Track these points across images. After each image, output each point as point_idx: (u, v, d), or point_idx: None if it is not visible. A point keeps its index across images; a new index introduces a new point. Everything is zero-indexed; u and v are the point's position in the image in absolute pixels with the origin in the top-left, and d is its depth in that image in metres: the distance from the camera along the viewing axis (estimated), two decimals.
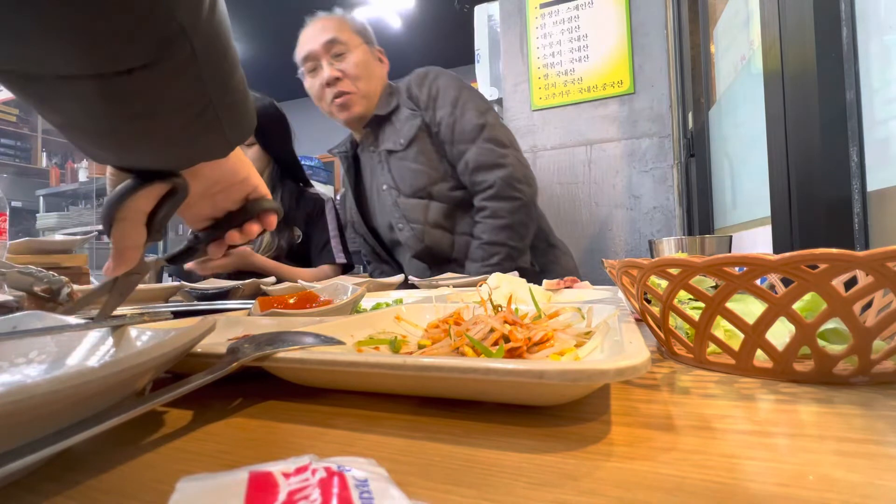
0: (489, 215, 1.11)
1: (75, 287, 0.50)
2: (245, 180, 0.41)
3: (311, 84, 1.23)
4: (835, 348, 0.27)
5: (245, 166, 0.41)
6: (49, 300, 0.47)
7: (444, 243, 1.18)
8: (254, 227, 0.42)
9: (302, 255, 1.37)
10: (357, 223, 1.33)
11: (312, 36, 1.20)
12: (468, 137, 1.13)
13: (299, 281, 0.83)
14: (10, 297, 0.44)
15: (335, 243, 1.39)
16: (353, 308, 0.51)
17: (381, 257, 1.34)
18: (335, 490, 0.12)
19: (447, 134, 1.15)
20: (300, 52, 1.22)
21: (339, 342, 0.29)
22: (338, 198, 1.49)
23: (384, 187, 1.22)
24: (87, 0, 0.20)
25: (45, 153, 3.92)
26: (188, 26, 0.23)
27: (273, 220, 0.43)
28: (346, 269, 1.41)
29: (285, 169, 1.38)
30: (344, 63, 1.19)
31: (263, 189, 0.44)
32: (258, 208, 0.42)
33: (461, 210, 1.18)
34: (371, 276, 1.39)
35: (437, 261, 1.19)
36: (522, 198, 1.10)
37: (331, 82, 1.18)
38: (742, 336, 0.28)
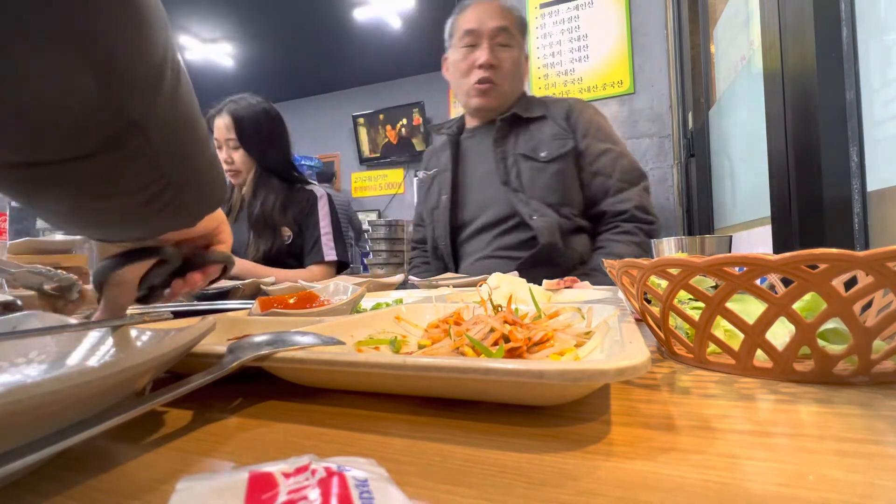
0: (626, 231, 1.12)
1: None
2: (216, 230, 0.41)
3: (461, 57, 1.21)
4: (835, 348, 0.27)
5: (214, 218, 0.41)
6: (59, 298, 0.46)
7: (559, 248, 1.14)
8: (196, 278, 0.42)
9: (297, 253, 1.36)
10: (441, 208, 1.27)
11: (485, 14, 1.19)
12: (631, 178, 1.15)
13: (300, 281, 0.83)
14: (11, 297, 0.44)
15: (326, 240, 1.36)
16: (353, 308, 0.51)
17: (439, 252, 1.30)
18: (335, 490, 0.12)
19: (607, 168, 1.15)
20: (464, 23, 1.20)
21: (339, 342, 0.29)
22: (417, 185, 1.44)
23: (505, 186, 1.18)
24: (32, 97, 0.19)
25: None
26: (141, 119, 0.23)
27: (212, 271, 0.43)
28: (340, 267, 1.39)
29: (272, 171, 1.35)
30: (504, 54, 1.19)
31: (224, 236, 0.43)
32: (204, 261, 0.41)
33: (575, 234, 1.17)
34: (410, 273, 1.37)
35: (550, 270, 1.11)
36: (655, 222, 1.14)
37: (485, 66, 1.18)
38: (742, 336, 0.28)
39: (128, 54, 0.21)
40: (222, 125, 1.30)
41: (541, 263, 1.11)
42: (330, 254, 1.35)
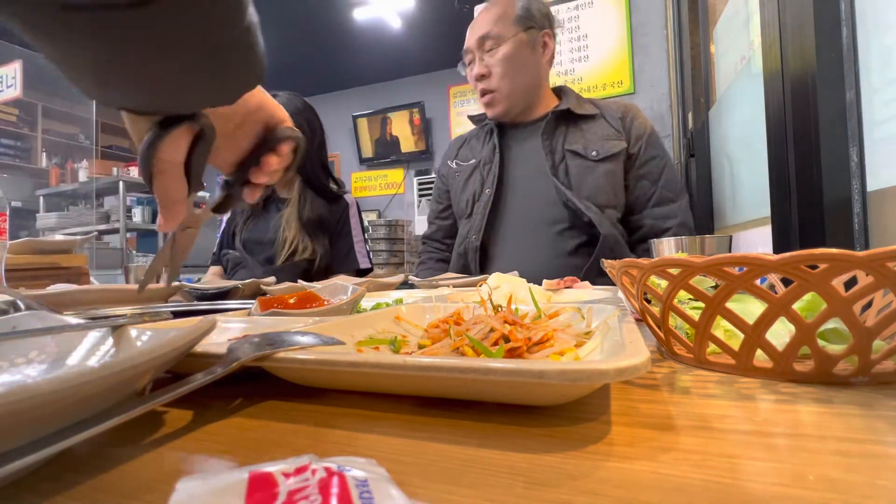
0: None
1: (79, 286, 0.49)
2: (259, 109, 0.39)
3: (468, 76, 1.23)
4: (835, 348, 0.26)
5: (255, 94, 0.39)
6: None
7: (621, 242, 1.11)
8: (271, 160, 0.40)
9: (321, 266, 1.34)
10: (482, 201, 1.21)
11: (472, 28, 1.20)
12: (676, 189, 1.13)
13: (299, 281, 0.83)
14: (11, 297, 0.44)
15: (359, 248, 1.36)
16: (353, 308, 0.51)
17: (464, 248, 1.23)
18: (335, 490, 0.12)
19: (653, 173, 1.13)
20: (465, 45, 1.22)
21: (339, 342, 0.29)
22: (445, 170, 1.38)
23: (547, 174, 1.14)
24: None
25: (44, 153, 3.92)
26: None
27: (286, 150, 0.41)
28: (362, 272, 1.37)
29: (311, 175, 1.33)
30: (492, 59, 1.17)
31: (281, 114, 0.42)
32: (273, 139, 0.40)
33: (589, 247, 1.13)
34: (419, 270, 1.34)
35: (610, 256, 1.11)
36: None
37: (478, 78, 1.18)
38: (742, 336, 0.28)
39: None
40: None
41: (605, 255, 1.06)
42: (364, 261, 1.35)
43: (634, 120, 1.17)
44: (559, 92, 1.26)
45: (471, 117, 1.36)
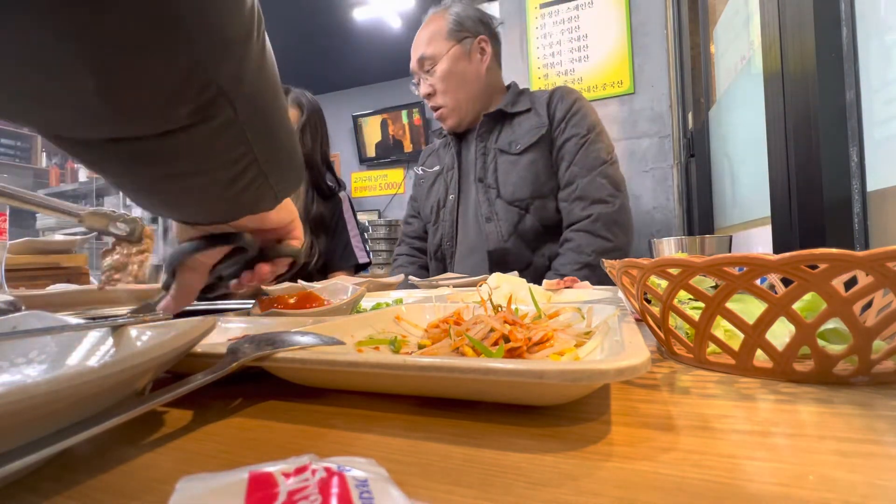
0: (574, 248, 1.07)
1: (77, 286, 0.49)
2: (279, 224, 0.41)
3: (420, 94, 1.29)
4: (835, 348, 0.26)
5: (290, 211, 0.41)
6: (126, 239, 0.46)
7: (523, 257, 1.14)
8: (265, 270, 0.41)
9: (318, 265, 1.34)
10: (449, 207, 1.27)
11: (413, 50, 1.25)
12: (588, 165, 1.10)
13: (299, 281, 0.83)
14: (11, 297, 0.44)
15: (356, 242, 1.37)
16: (353, 308, 0.51)
17: (441, 252, 1.28)
18: (335, 490, 0.11)
19: (569, 153, 1.12)
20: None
21: (339, 342, 0.29)
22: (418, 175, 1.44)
23: (479, 181, 1.19)
24: (125, 66, 0.19)
25: (45, 153, 3.92)
26: (230, 90, 0.23)
27: (283, 264, 0.43)
28: (360, 267, 1.38)
29: (314, 170, 1.34)
30: (433, 78, 1.22)
31: (298, 233, 0.43)
32: (275, 253, 0.41)
33: (550, 235, 1.15)
34: (393, 272, 1.36)
35: (504, 270, 1.13)
36: (614, 241, 1.06)
37: (425, 96, 1.24)
38: (742, 336, 0.28)
39: (204, 10, 0.20)
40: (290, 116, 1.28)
41: (496, 266, 1.10)
42: (362, 255, 1.36)
43: (560, 102, 1.17)
44: (510, 89, 1.27)
45: (433, 132, 1.41)
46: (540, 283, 0.67)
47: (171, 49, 0.20)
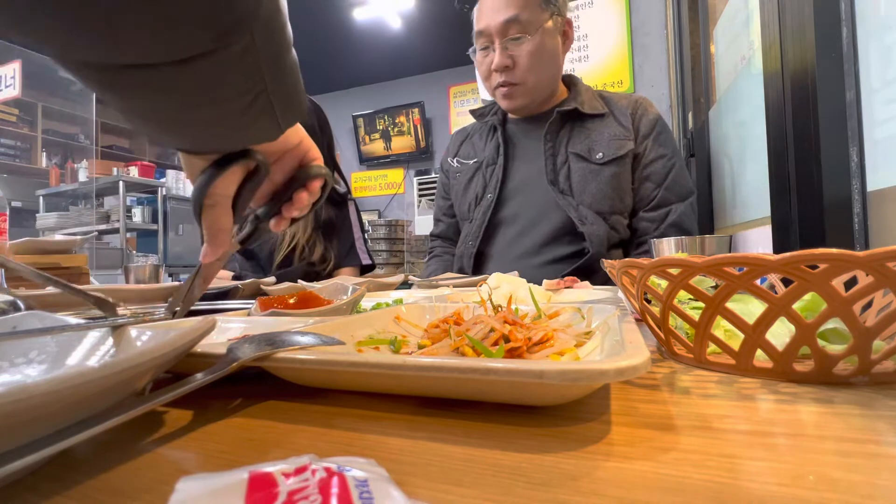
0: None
1: (78, 286, 0.49)
2: (298, 145, 0.41)
3: (479, 60, 1.10)
4: (835, 348, 0.26)
5: (297, 131, 0.41)
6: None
7: (602, 271, 1.04)
8: (303, 196, 0.42)
9: (331, 270, 1.34)
10: (483, 206, 1.13)
11: (492, 8, 1.04)
12: (681, 192, 1.04)
13: (299, 281, 0.83)
14: (11, 297, 0.44)
15: (360, 244, 1.36)
16: (353, 308, 0.51)
17: (462, 250, 1.16)
18: (335, 490, 0.12)
19: (657, 174, 1.05)
20: (476, 23, 1.07)
21: (339, 342, 0.29)
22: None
23: (552, 186, 1.06)
24: None
25: (45, 153, 3.92)
26: (249, 15, 0.23)
27: (317, 186, 0.43)
28: (366, 269, 1.38)
29: None
30: (518, 49, 1.04)
31: (315, 153, 0.43)
32: (305, 176, 0.41)
33: (610, 253, 1.06)
34: (428, 265, 1.31)
35: (592, 272, 1.01)
36: None
37: (500, 69, 1.05)
38: (742, 336, 0.28)
39: None
40: None
41: (587, 275, 1.00)
42: (364, 258, 1.36)
43: (644, 116, 1.08)
44: (569, 82, 1.16)
45: (473, 112, 1.26)
46: None
47: None
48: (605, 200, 1.04)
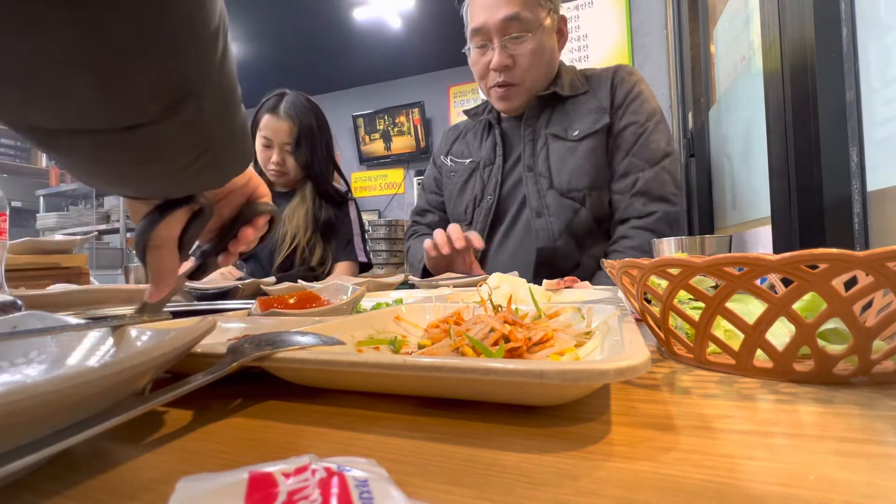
0: (634, 246, 0.95)
1: (77, 286, 0.49)
2: (246, 184, 0.41)
3: (475, 59, 1.07)
4: (835, 348, 0.26)
5: (244, 174, 0.41)
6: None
7: (572, 257, 1.02)
8: (248, 233, 0.42)
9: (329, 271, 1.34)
10: (483, 208, 1.10)
11: (490, 4, 1.00)
12: (649, 157, 0.98)
13: (299, 281, 0.83)
14: (11, 297, 0.44)
15: (357, 241, 1.37)
16: (353, 308, 0.51)
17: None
18: (335, 490, 0.11)
19: (626, 142, 1.00)
20: (472, 20, 1.03)
21: (339, 342, 0.29)
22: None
23: (529, 171, 1.04)
24: (109, 68, 0.20)
25: (45, 154, 3.92)
26: (198, 88, 0.23)
27: (262, 223, 0.43)
28: (363, 268, 1.38)
29: (316, 177, 1.32)
30: (519, 48, 1.00)
31: (263, 189, 0.43)
32: (251, 213, 0.42)
33: (601, 232, 1.03)
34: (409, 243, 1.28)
35: (550, 272, 1.01)
36: None
37: (499, 69, 1.02)
38: (742, 336, 0.28)
39: (191, 15, 0.21)
40: (282, 129, 1.28)
41: (541, 268, 1.01)
42: (361, 255, 1.36)
43: (620, 85, 1.04)
44: (559, 71, 1.13)
45: (467, 112, 1.23)
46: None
47: (161, 48, 0.20)
48: (584, 177, 1.00)
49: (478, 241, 0.98)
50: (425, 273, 1.12)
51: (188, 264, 0.41)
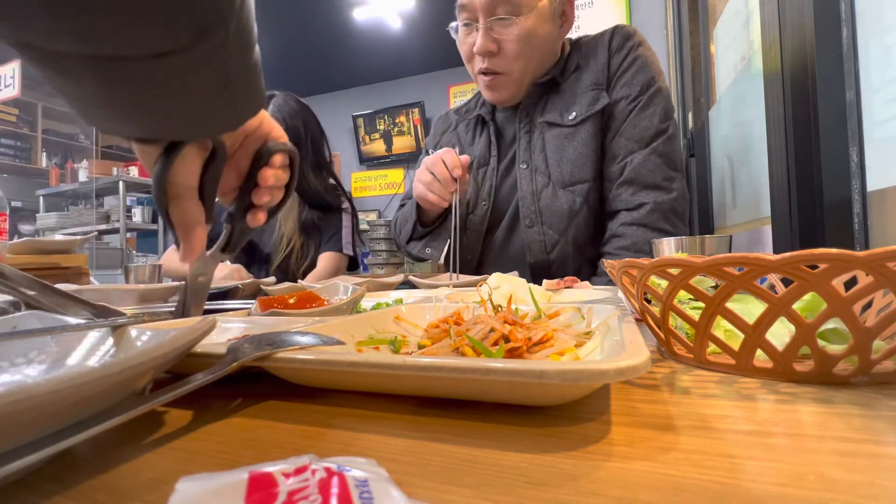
0: (625, 246, 0.86)
1: (77, 286, 0.49)
2: (258, 128, 0.40)
3: (461, 40, 0.96)
4: (835, 348, 0.26)
5: (257, 117, 0.40)
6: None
7: (569, 266, 0.92)
8: (267, 175, 0.40)
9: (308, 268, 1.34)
10: (477, 216, 1.00)
11: None
12: (640, 137, 0.87)
13: (299, 281, 0.83)
14: (11, 297, 0.44)
15: (346, 233, 1.35)
16: (353, 308, 0.51)
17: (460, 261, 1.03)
18: (335, 490, 0.11)
19: (618, 120, 0.89)
20: None
21: (339, 342, 0.29)
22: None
23: (524, 166, 0.93)
24: None
25: (45, 153, 3.92)
26: (227, 13, 0.23)
27: (277, 161, 0.41)
28: (352, 264, 1.38)
29: (308, 179, 1.29)
30: (505, 32, 0.89)
31: (277, 132, 0.42)
32: (266, 153, 0.40)
33: (602, 234, 0.93)
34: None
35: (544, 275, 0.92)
36: (675, 235, 0.84)
37: (482, 53, 0.91)
38: (742, 336, 0.28)
39: None
40: None
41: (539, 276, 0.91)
42: (347, 248, 1.34)
43: (616, 52, 0.92)
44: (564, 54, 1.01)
45: (457, 110, 1.14)
46: None
47: None
48: (587, 165, 0.89)
49: (466, 159, 0.90)
50: (414, 233, 1.03)
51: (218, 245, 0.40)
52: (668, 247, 0.67)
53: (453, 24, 0.99)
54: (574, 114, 0.90)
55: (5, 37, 0.22)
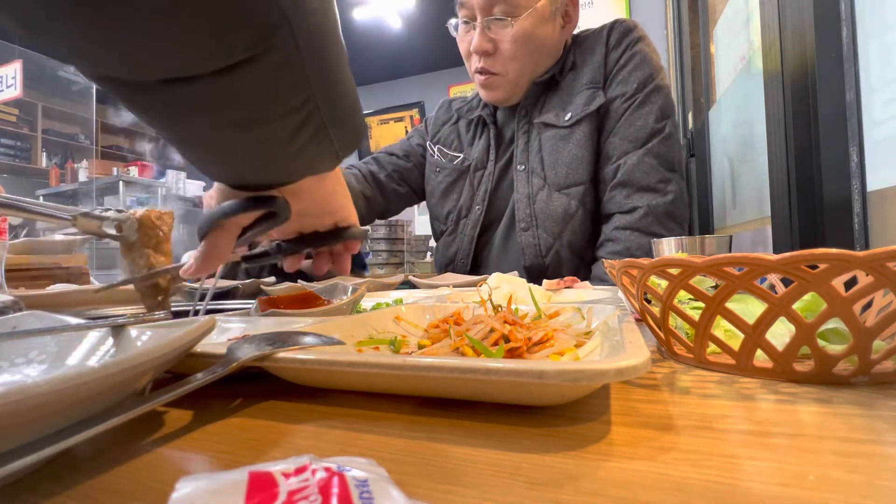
0: (617, 251, 0.85)
1: (77, 286, 0.49)
2: (339, 209, 0.41)
3: (461, 38, 0.95)
4: (835, 348, 0.26)
5: (342, 194, 0.41)
6: (120, 237, 0.44)
7: (563, 270, 0.92)
8: (345, 257, 0.44)
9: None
10: (471, 219, 0.99)
11: None
12: (634, 137, 0.85)
13: (299, 281, 0.83)
14: (11, 297, 0.44)
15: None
16: (353, 308, 0.51)
17: (449, 268, 1.04)
18: (335, 490, 0.11)
19: (613, 119, 0.87)
20: None
21: (339, 342, 0.29)
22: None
23: (521, 168, 0.92)
24: None
25: (45, 153, 3.92)
26: (291, 14, 0.21)
27: (356, 247, 0.44)
28: (358, 264, 1.38)
29: None
30: (501, 32, 0.88)
31: (353, 217, 0.44)
32: (346, 236, 0.43)
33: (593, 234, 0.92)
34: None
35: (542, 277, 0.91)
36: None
37: (478, 52, 0.90)
38: (742, 336, 0.28)
39: None
40: None
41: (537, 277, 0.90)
42: None
43: (615, 48, 0.90)
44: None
45: (459, 110, 1.12)
46: None
47: None
48: (583, 167, 0.87)
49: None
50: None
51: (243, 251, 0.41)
52: (668, 247, 0.67)
53: (453, 21, 0.98)
54: (570, 114, 0.89)
55: (85, 71, 0.21)
